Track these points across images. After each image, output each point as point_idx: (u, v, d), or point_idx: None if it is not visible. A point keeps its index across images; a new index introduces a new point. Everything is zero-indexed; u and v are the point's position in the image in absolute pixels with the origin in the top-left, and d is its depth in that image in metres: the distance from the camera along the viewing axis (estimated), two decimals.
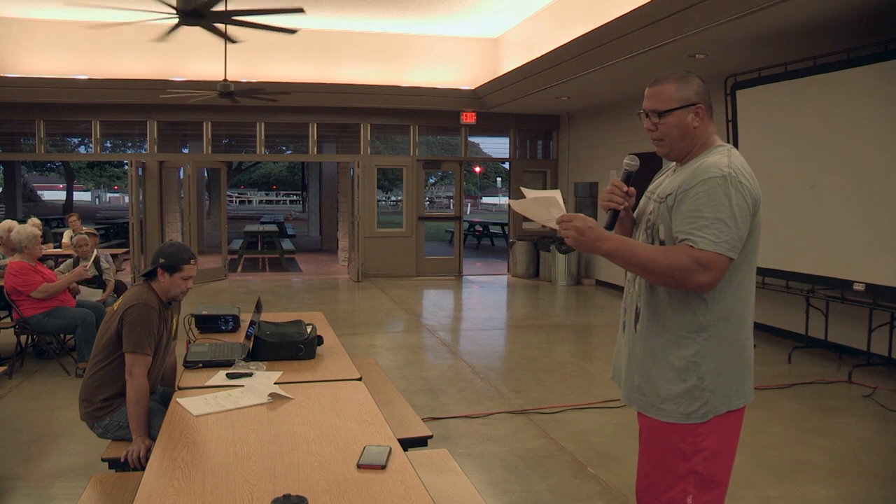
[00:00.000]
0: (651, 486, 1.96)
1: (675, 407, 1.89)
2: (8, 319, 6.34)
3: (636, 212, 2.10)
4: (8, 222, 6.13)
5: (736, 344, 1.90)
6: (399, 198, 20.11)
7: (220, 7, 5.54)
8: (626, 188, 2.00)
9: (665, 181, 2.01)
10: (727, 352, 1.89)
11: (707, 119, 1.95)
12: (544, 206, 1.92)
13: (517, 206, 2.00)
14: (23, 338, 5.67)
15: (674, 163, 2.05)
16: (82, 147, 15.66)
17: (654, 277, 1.84)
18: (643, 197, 2.10)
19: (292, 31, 6.14)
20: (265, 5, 5.65)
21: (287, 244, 15.35)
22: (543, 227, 2.07)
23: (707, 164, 1.85)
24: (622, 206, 1.99)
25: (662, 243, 1.90)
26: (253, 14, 5.72)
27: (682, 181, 1.87)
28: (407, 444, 2.60)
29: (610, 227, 1.98)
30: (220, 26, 6.06)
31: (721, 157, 1.86)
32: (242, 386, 2.59)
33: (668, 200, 1.89)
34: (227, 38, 6.12)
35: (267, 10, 5.64)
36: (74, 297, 5.78)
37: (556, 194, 1.92)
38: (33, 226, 7.02)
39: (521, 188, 2.12)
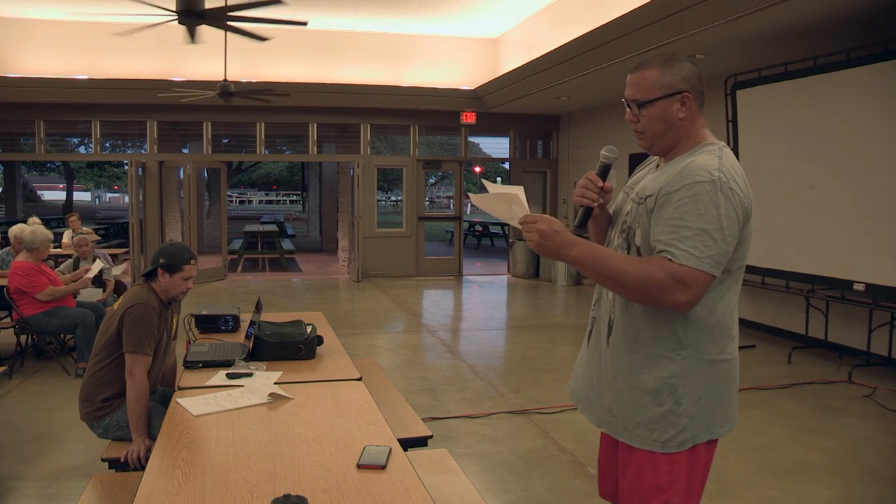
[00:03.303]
0: None
1: (648, 433, 1.70)
2: (8, 319, 6.34)
3: (613, 208, 1.91)
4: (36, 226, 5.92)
5: (719, 364, 1.71)
6: (399, 198, 20.12)
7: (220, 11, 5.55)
8: (601, 183, 1.81)
9: (646, 177, 1.81)
10: (709, 373, 1.69)
11: (696, 110, 1.73)
12: (506, 202, 1.74)
13: (477, 199, 1.79)
14: (23, 338, 5.67)
15: (657, 156, 1.86)
16: (82, 147, 15.66)
17: (626, 292, 1.65)
18: (621, 192, 1.90)
19: (263, 39, 6.27)
20: (266, 13, 5.67)
21: (287, 244, 15.36)
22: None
23: (695, 165, 1.64)
24: (596, 203, 1.81)
25: (638, 249, 1.72)
26: (255, 21, 5.74)
27: (665, 182, 1.66)
28: (407, 444, 2.60)
29: (582, 224, 1.83)
30: (208, 30, 6.08)
31: (711, 159, 1.65)
32: (242, 386, 2.59)
33: (647, 202, 1.70)
34: (194, 41, 6.10)
35: (269, 19, 5.65)
36: (74, 297, 5.78)
37: (519, 191, 1.73)
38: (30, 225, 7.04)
39: (484, 181, 1.96)
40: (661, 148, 1.78)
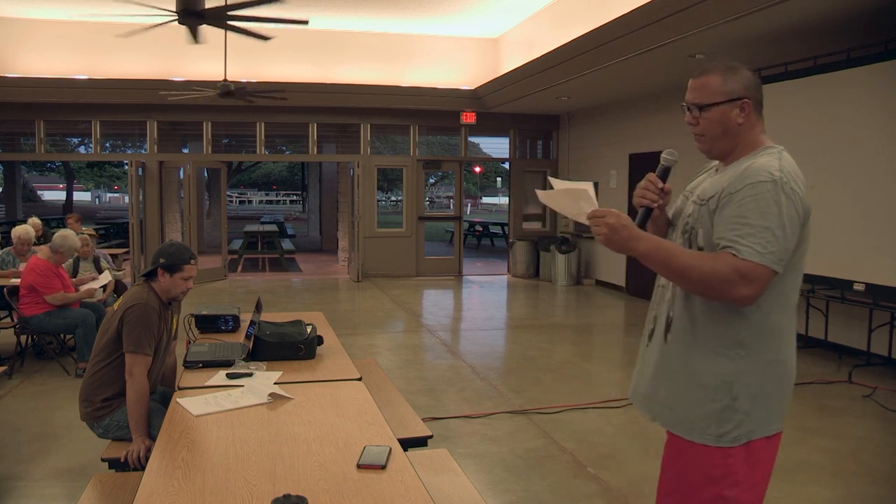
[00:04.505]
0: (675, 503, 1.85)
1: (703, 427, 1.76)
2: (8, 319, 6.35)
3: (672, 212, 1.97)
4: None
5: (776, 363, 1.76)
6: (399, 198, 20.11)
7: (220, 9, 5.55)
8: (661, 185, 1.86)
9: (706, 181, 1.88)
10: (765, 372, 1.74)
11: (755, 116, 1.80)
12: (574, 198, 1.78)
13: (544, 197, 1.85)
14: (23, 338, 5.67)
15: (715, 161, 1.91)
16: (82, 147, 15.67)
17: (690, 286, 1.70)
18: (681, 196, 1.96)
19: (265, 38, 6.27)
20: (266, 12, 5.67)
21: (287, 244, 15.35)
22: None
23: (756, 166, 1.70)
24: (656, 204, 1.86)
25: (701, 249, 1.77)
26: (255, 21, 5.75)
27: (727, 184, 1.72)
28: (407, 444, 2.60)
29: (642, 225, 1.84)
30: (208, 30, 6.08)
31: (771, 160, 1.71)
32: (242, 386, 2.59)
33: (709, 203, 1.75)
34: (196, 41, 6.08)
35: (270, 18, 5.65)
36: None
37: (588, 187, 1.77)
38: (33, 226, 7.06)
39: (550, 178, 1.98)
40: (719, 151, 1.84)
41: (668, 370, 1.84)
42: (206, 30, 6.02)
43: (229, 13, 5.68)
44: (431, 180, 38.15)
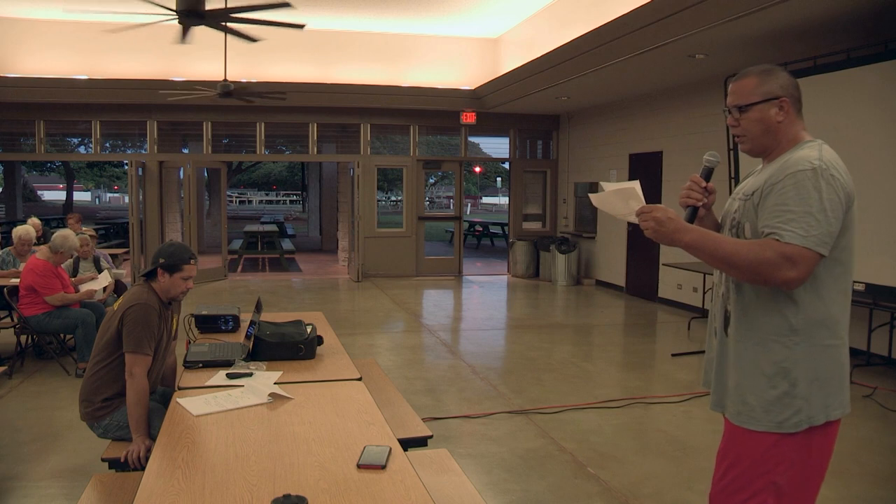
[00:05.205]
0: (730, 494, 1.87)
1: (764, 415, 1.80)
2: (8, 319, 6.34)
3: (721, 214, 2.04)
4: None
5: (831, 349, 1.80)
6: (399, 198, 20.11)
7: (219, 7, 5.55)
8: (704, 184, 1.95)
9: (751, 180, 1.95)
10: (821, 358, 1.79)
11: (794, 114, 1.88)
12: (623, 198, 1.87)
13: (596, 200, 1.95)
14: (23, 338, 5.67)
15: (761, 165, 1.98)
16: (82, 147, 15.65)
17: (738, 272, 1.77)
18: (729, 198, 2.03)
19: (254, 40, 6.26)
20: (265, 15, 5.67)
21: (287, 244, 15.36)
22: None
23: (796, 157, 1.78)
24: (700, 203, 1.95)
25: None
26: (252, 23, 5.75)
27: (769, 176, 1.80)
28: (407, 444, 2.61)
29: (689, 223, 1.91)
30: (209, 30, 6.07)
31: (811, 151, 1.79)
32: (242, 386, 2.59)
33: (753, 198, 1.83)
34: (184, 41, 6.05)
35: (267, 21, 5.66)
36: None
37: (635, 185, 1.85)
38: (33, 226, 7.06)
39: (601, 182, 2.07)
40: (760, 149, 1.92)
41: (729, 362, 1.91)
42: (206, 30, 6.02)
43: (230, 15, 5.68)
44: (431, 180, 38.16)
